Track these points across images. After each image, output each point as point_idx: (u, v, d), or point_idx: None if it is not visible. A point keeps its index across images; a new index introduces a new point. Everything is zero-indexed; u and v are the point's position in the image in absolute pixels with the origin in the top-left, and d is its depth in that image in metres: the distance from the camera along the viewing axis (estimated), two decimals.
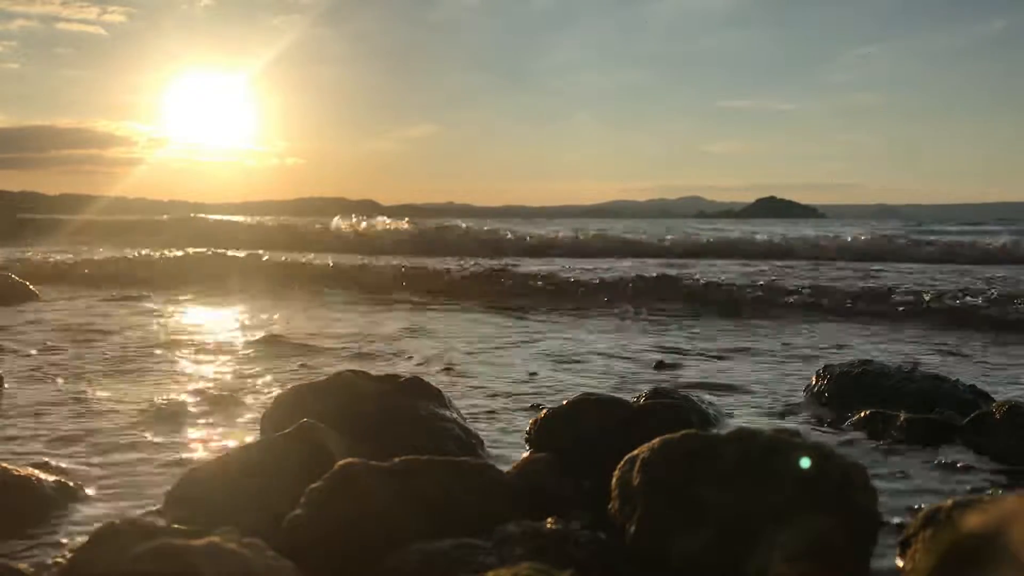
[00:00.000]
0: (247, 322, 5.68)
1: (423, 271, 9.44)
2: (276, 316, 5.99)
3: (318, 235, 16.74)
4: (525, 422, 2.47)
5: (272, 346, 4.46)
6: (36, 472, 1.83)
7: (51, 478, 1.84)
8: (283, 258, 11.18)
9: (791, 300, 6.78)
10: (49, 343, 4.54)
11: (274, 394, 2.65)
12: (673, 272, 8.89)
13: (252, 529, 1.33)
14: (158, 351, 4.33)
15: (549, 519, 1.48)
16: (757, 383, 3.45)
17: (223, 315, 6.26)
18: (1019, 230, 20.45)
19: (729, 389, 3.31)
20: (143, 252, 12.30)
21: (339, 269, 9.90)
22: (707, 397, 2.86)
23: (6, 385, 3.26)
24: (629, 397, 2.43)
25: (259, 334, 4.85)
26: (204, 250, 11.65)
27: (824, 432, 2.62)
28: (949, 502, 1.42)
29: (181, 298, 7.48)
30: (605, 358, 4.13)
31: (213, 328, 5.39)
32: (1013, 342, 4.86)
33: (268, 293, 8.19)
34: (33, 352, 4.16)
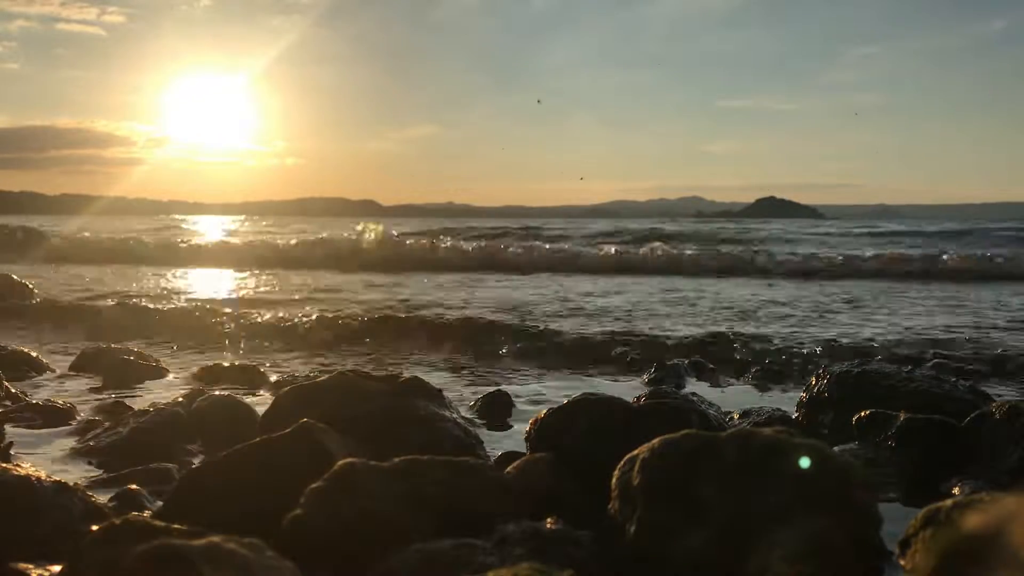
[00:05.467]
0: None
1: None
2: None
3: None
4: None
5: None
6: (36, 471, 1.83)
7: (51, 478, 1.84)
8: None
9: None
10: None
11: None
12: None
13: (252, 529, 1.33)
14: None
15: (549, 519, 1.48)
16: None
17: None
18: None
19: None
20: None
21: None
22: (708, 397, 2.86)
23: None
24: (629, 397, 2.43)
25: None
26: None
27: (824, 432, 2.62)
28: (949, 502, 1.42)
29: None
30: None
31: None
32: None
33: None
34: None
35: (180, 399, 2.78)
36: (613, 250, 14.11)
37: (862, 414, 2.52)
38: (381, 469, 1.55)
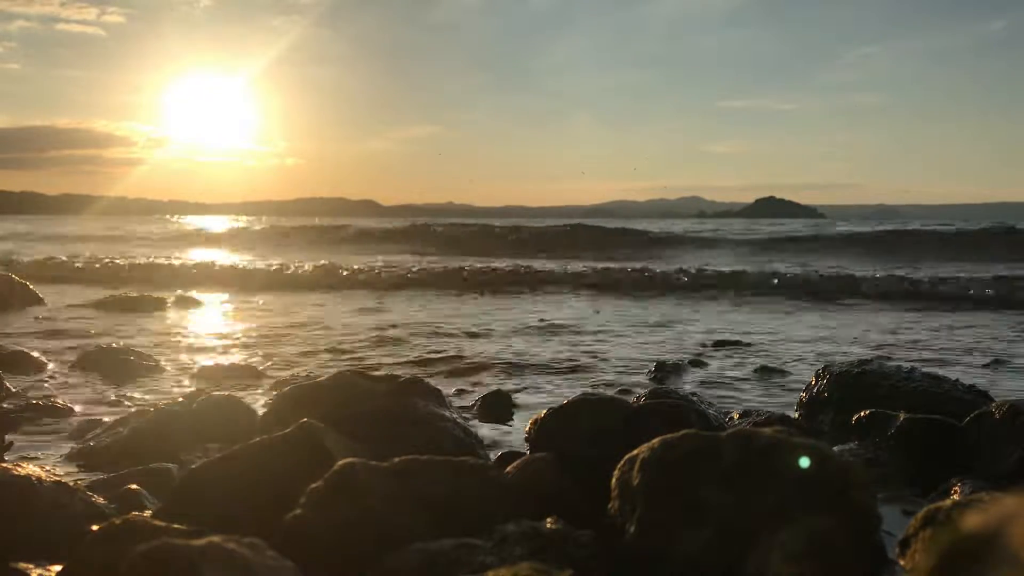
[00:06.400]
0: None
1: None
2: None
3: None
4: None
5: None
6: (36, 471, 1.83)
7: (51, 477, 1.84)
8: None
9: None
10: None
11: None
12: None
13: (252, 529, 1.33)
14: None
15: (549, 519, 1.48)
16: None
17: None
18: None
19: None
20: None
21: None
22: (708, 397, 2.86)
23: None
24: (629, 397, 2.43)
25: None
26: None
27: (824, 432, 2.62)
28: (949, 502, 1.42)
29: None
30: None
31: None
32: None
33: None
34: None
35: (180, 399, 2.78)
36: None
37: (862, 414, 2.52)
38: (381, 469, 1.55)
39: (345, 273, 11.01)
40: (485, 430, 2.78)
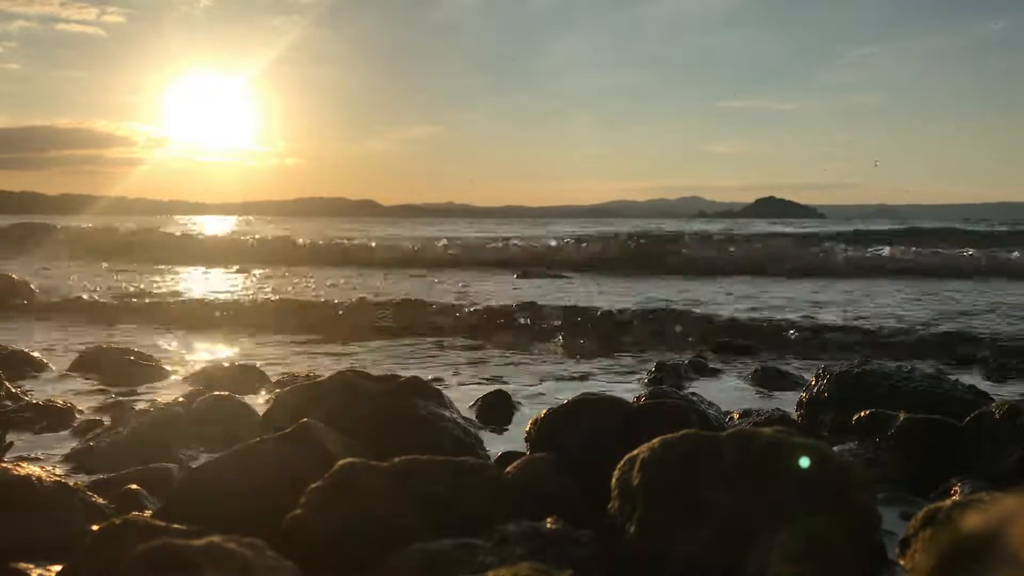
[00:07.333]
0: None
1: None
2: None
3: None
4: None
5: None
6: (36, 471, 1.83)
7: (51, 477, 1.84)
8: None
9: None
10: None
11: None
12: None
13: (252, 529, 1.33)
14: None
15: (549, 519, 1.48)
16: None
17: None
18: None
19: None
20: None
21: None
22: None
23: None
24: (629, 397, 2.43)
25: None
26: None
27: (824, 432, 2.62)
28: (949, 502, 1.42)
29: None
30: None
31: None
32: None
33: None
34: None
35: (180, 399, 2.78)
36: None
37: (862, 414, 2.52)
38: (381, 469, 1.55)
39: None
40: (485, 430, 2.78)
